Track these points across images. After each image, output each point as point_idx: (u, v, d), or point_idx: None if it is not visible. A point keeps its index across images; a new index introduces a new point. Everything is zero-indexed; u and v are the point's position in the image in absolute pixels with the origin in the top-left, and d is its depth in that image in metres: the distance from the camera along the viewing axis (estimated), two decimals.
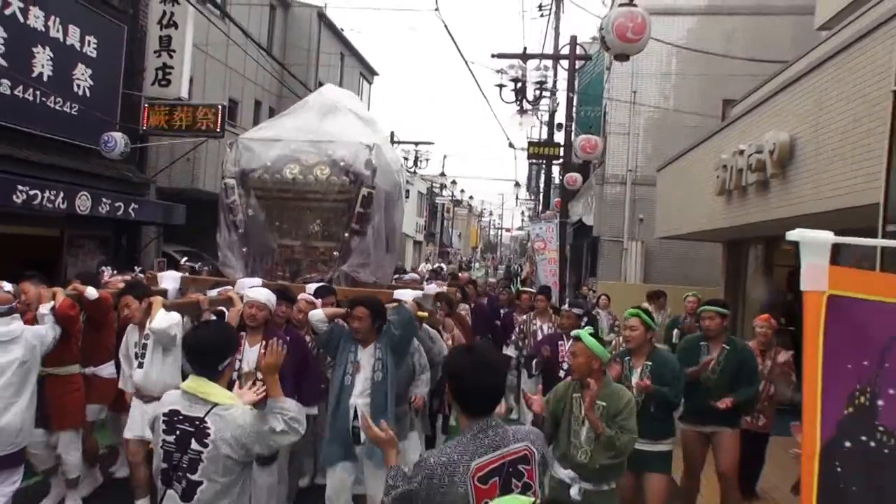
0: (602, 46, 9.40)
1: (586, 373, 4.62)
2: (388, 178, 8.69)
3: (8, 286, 5.78)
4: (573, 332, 5.09)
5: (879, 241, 1.62)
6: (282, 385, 4.21)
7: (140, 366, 6.05)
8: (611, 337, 11.92)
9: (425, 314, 6.75)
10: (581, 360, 4.65)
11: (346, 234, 7.95)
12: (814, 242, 1.45)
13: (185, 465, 3.56)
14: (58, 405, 6.20)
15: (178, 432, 3.58)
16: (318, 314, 5.82)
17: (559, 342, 7.45)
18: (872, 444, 1.39)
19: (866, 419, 1.40)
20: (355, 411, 5.39)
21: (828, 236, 1.43)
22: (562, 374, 6.84)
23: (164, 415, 3.65)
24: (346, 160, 7.94)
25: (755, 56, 16.03)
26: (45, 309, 5.90)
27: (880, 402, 1.38)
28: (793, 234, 1.52)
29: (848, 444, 1.40)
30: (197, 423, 3.55)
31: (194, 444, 3.53)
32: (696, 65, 18.89)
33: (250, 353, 5.83)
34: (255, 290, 6.17)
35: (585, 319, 7.42)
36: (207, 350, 3.75)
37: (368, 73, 32.86)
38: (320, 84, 25.32)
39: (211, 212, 17.09)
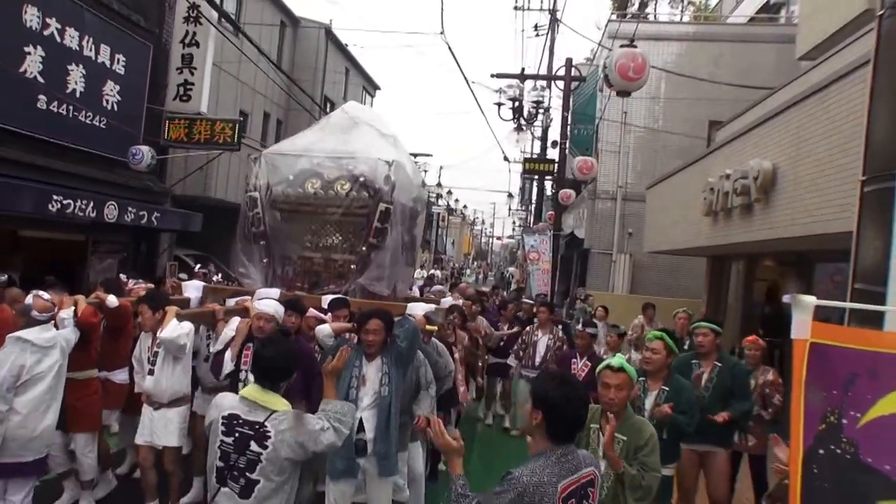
0: (605, 83, 9.83)
1: (623, 407, 4.17)
2: (408, 192, 8.61)
3: (46, 295, 5.77)
4: (614, 362, 4.34)
5: (848, 304, 1.99)
6: (291, 396, 4.42)
7: (151, 373, 6.04)
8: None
9: (434, 328, 6.66)
10: (624, 394, 4.16)
11: (364, 248, 7.83)
12: (802, 303, 1.85)
13: (242, 466, 3.68)
14: (76, 409, 6.15)
15: (237, 434, 3.70)
16: (325, 329, 5.77)
17: (572, 360, 7.42)
18: (839, 451, 1.78)
19: (835, 433, 1.79)
20: (360, 424, 5.27)
21: (812, 300, 1.83)
22: None
23: (224, 418, 3.75)
24: (365, 176, 7.85)
25: (741, 81, 16.32)
26: (65, 314, 5.91)
27: (844, 421, 1.77)
28: (787, 298, 1.90)
29: (822, 451, 1.79)
30: (257, 427, 3.68)
31: (254, 446, 3.66)
32: (685, 88, 19.15)
33: None
34: (263, 303, 6.11)
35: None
36: (275, 368, 3.88)
37: (371, 87, 33.15)
38: (326, 98, 25.84)
39: (221, 218, 17.50)
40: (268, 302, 6.11)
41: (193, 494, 6.59)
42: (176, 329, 5.84)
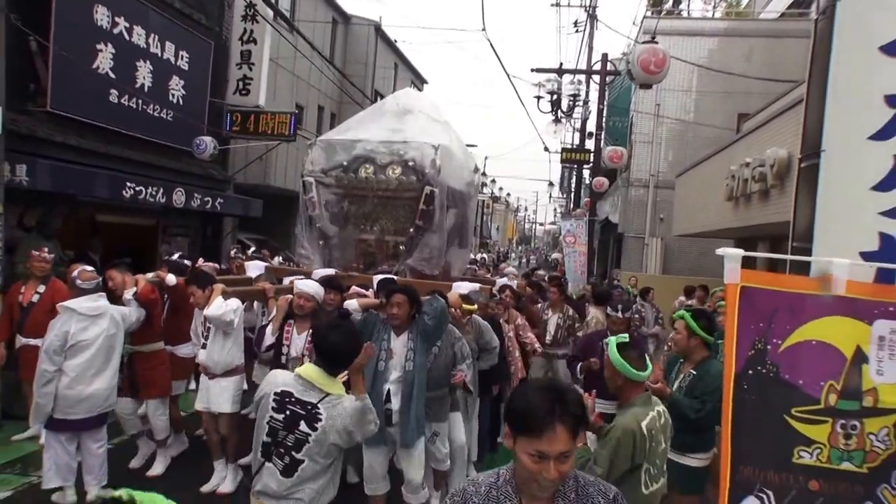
0: (628, 76, 9.95)
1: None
2: (459, 176, 8.55)
3: (90, 268, 6.02)
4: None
5: (788, 257, 2.15)
6: None
7: (204, 346, 6.22)
8: (656, 329, 11.89)
9: (473, 307, 6.54)
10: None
11: (412, 230, 7.81)
12: (731, 254, 2.06)
13: (289, 444, 3.58)
14: (145, 378, 6.49)
15: (287, 412, 3.60)
16: (352, 304, 5.66)
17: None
18: (764, 371, 1.99)
19: (761, 357, 2.00)
20: (388, 395, 5.29)
21: (739, 252, 2.04)
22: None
23: (276, 394, 3.65)
24: (415, 160, 7.81)
25: (771, 75, 16.19)
26: (128, 294, 6.23)
27: (769, 347, 1.98)
28: (719, 251, 2.12)
29: (750, 371, 2.01)
30: (309, 407, 3.57)
31: (303, 426, 3.55)
32: (716, 82, 19.08)
33: (298, 340, 5.88)
34: (303, 282, 6.11)
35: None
36: (337, 354, 3.75)
37: (419, 81, 33.37)
38: (376, 91, 26.10)
39: (280, 205, 17.93)
40: (308, 282, 6.14)
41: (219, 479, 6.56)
42: (221, 306, 5.92)
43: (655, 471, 3.30)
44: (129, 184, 10.05)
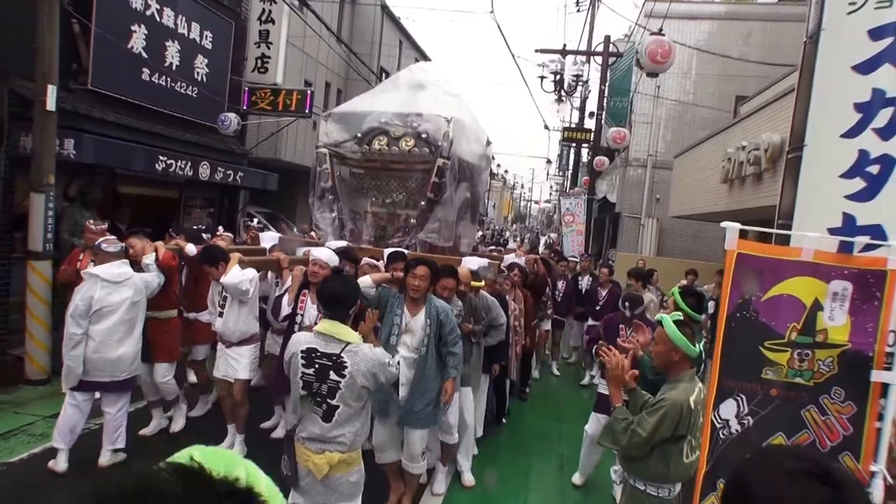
0: (636, 66, 10.60)
1: (661, 362, 3.87)
2: (472, 150, 8.54)
3: (112, 237, 6.16)
4: (657, 317, 4.16)
5: (773, 231, 2.78)
6: None
7: (220, 315, 6.28)
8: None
9: (480, 284, 6.67)
10: (659, 348, 3.80)
11: (423, 203, 7.85)
12: (731, 227, 2.73)
13: (324, 393, 3.91)
14: (156, 342, 6.58)
15: (316, 366, 3.92)
16: (366, 280, 5.58)
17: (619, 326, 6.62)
18: (748, 315, 2.65)
19: (746, 305, 2.66)
20: (398, 366, 5.16)
21: (737, 225, 2.71)
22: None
23: (302, 352, 3.97)
24: (428, 132, 7.79)
25: (769, 59, 16.56)
26: (148, 259, 6.32)
27: (753, 298, 2.63)
28: (722, 224, 2.78)
29: (738, 314, 2.67)
30: (334, 358, 3.89)
31: (333, 375, 3.89)
32: (714, 65, 19.52)
33: (311, 309, 5.94)
34: (318, 250, 6.16)
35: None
36: (339, 298, 4.05)
37: (423, 58, 33.80)
38: (382, 68, 26.51)
39: (289, 179, 18.48)
40: (323, 250, 6.21)
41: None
42: (237, 275, 5.98)
43: (696, 442, 3.39)
44: (161, 157, 10.69)
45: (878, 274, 2.39)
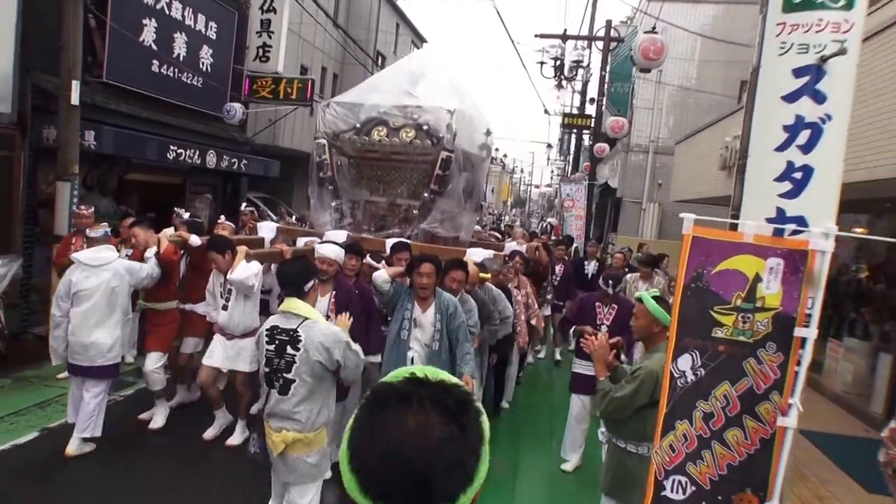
0: (631, 62, 11.41)
1: (642, 335, 4.51)
2: (474, 140, 8.65)
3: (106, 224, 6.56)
4: (636, 295, 4.63)
5: (726, 220, 3.59)
6: (351, 331, 4.81)
7: (225, 308, 6.43)
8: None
9: (488, 276, 6.87)
10: (640, 322, 4.46)
11: (426, 195, 7.96)
12: (687, 217, 3.55)
13: (282, 367, 4.18)
14: (151, 333, 6.89)
15: (277, 342, 4.21)
16: (381, 275, 5.73)
17: (596, 305, 6.91)
18: (700, 285, 3.36)
19: (699, 277, 3.38)
20: (412, 361, 5.45)
21: (692, 216, 3.54)
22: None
23: (266, 330, 4.29)
24: (429, 124, 7.89)
25: None
26: (149, 253, 6.65)
27: (704, 272, 3.37)
28: (681, 215, 3.61)
29: (693, 285, 3.44)
30: (292, 333, 4.17)
31: (289, 350, 4.16)
32: (719, 49, 19.65)
33: (320, 303, 5.92)
34: (325, 247, 6.21)
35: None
36: (293, 276, 4.40)
37: (419, 40, 34.44)
38: (378, 52, 27.17)
39: (288, 165, 19.24)
40: (330, 247, 6.24)
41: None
42: (245, 270, 6.15)
43: None
44: (171, 147, 11.52)
45: (801, 253, 3.23)
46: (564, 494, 6.64)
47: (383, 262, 6.83)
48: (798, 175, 3.40)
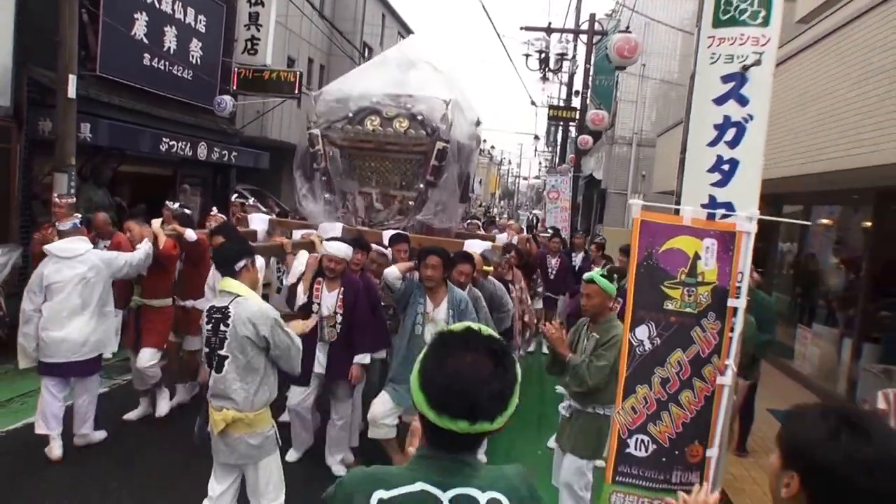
0: (607, 60, 11.97)
1: (597, 312, 4.98)
2: (465, 130, 8.59)
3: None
4: (585, 276, 5.13)
5: (671, 206, 4.11)
6: (359, 326, 5.47)
7: None
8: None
9: (490, 268, 6.97)
10: (595, 301, 4.95)
11: (422, 186, 7.98)
12: (636, 203, 4.04)
13: (216, 344, 4.26)
14: (146, 328, 6.79)
15: (213, 321, 4.30)
16: (393, 272, 5.75)
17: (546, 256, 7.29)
18: (651, 263, 3.74)
19: (650, 256, 3.77)
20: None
21: (640, 202, 4.04)
22: None
23: (206, 312, 4.40)
24: (423, 114, 7.88)
25: None
26: (143, 244, 6.47)
27: (653, 251, 3.77)
28: (630, 201, 4.15)
29: (644, 263, 3.85)
30: (223, 310, 4.26)
31: (221, 327, 4.24)
32: None
33: (328, 299, 6.04)
34: (333, 245, 6.14)
35: None
36: (226, 256, 4.48)
37: (406, 31, 34.83)
38: (365, 43, 27.56)
39: (276, 157, 19.67)
40: (338, 245, 6.15)
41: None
42: None
43: None
44: (164, 139, 11.97)
45: (731, 234, 3.75)
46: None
47: (390, 251, 6.93)
48: (726, 167, 3.96)
